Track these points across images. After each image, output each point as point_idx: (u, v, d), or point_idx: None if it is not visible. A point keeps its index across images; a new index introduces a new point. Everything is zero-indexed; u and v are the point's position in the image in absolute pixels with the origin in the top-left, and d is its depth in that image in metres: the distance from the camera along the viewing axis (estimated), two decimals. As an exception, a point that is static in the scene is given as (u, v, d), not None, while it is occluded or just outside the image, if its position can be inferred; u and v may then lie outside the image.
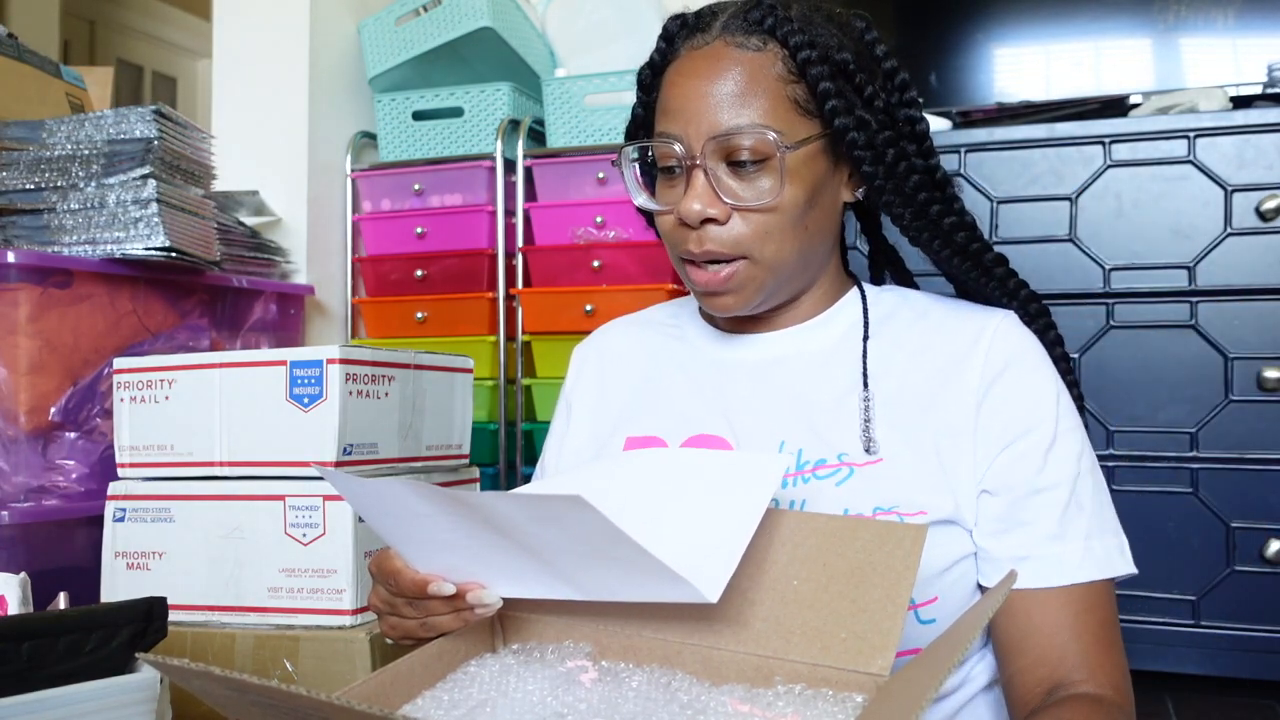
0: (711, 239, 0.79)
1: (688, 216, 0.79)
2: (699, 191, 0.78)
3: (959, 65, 2.09)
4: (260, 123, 2.08)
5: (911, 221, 0.83)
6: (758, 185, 0.78)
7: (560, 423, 0.99)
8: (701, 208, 0.78)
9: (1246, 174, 1.63)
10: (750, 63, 0.78)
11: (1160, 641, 1.66)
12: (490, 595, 0.66)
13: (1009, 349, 0.81)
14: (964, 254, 0.85)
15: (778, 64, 0.79)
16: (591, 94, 2.00)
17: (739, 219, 0.79)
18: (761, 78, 0.78)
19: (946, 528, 0.77)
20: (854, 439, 0.80)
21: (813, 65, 0.78)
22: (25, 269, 1.38)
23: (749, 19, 0.80)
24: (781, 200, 0.78)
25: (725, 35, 0.80)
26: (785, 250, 0.80)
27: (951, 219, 0.84)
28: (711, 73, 0.78)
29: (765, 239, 0.79)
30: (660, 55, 0.85)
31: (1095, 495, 0.79)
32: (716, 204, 0.78)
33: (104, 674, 0.79)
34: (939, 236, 0.84)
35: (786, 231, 0.79)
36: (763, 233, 0.79)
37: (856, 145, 0.79)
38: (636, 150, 0.86)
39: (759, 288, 0.81)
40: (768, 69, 0.78)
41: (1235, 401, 1.63)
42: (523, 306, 1.99)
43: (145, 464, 1.22)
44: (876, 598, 0.62)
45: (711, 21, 0.82)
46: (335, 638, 1.10)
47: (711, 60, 0.79)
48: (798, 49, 0.78)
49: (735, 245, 0.79)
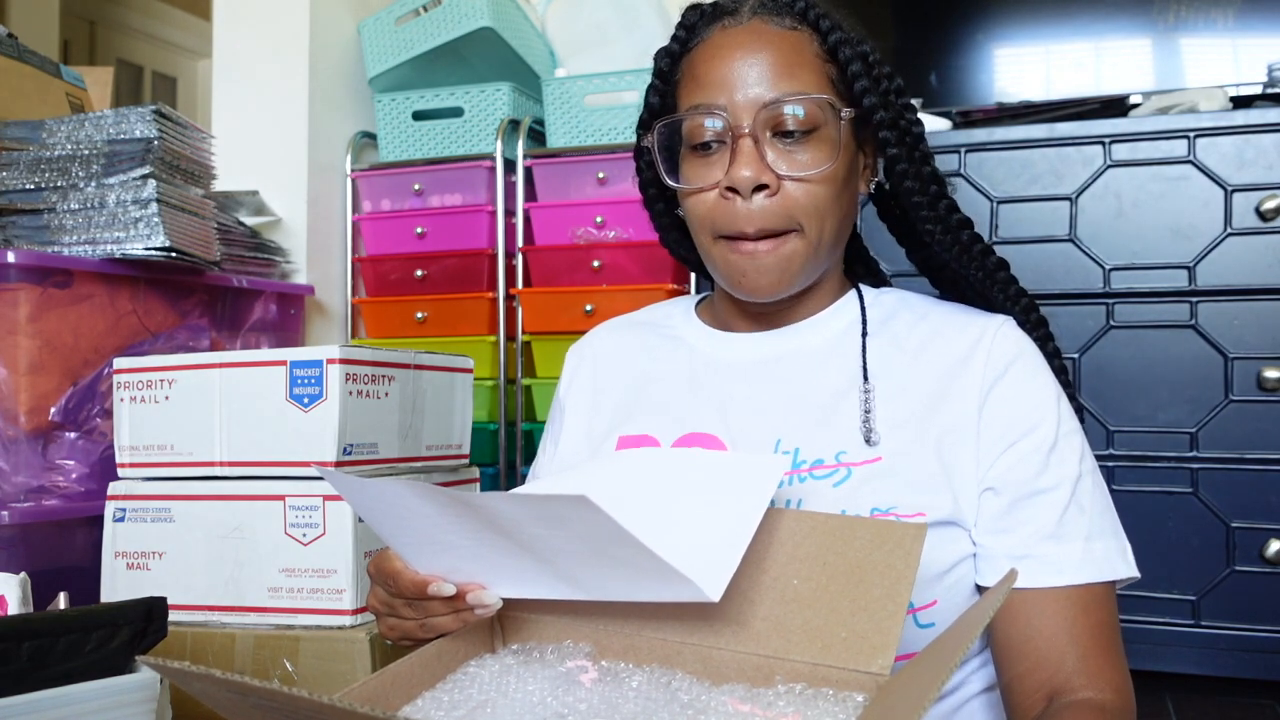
0: (762, 211, 0.78)
1: (740, 184, 0.77)
2: (749, 158, 0.78)
3: (959, 65, 2.09)
4: (260, 123, 2.08)
5: (928, 211, 0.83)
6: (804, 155, 0.78)
7: (554, 424, 0.99)
8: (754, 174, 0.77)
9: (1246, 174, 1.63)
10: (790, 39, 0.80)
11: (1160, 641, 1.66)
12: (490, 596, 0.66)
13: (1009, 351, 0.81)
14: (969, 253, 0.85)
15: (813, 43, 0.80)
16: (591, 94, 2.00)
17: (790, 187, 0.78)
18: (804, 52, 0.80)
19: (946, 529, 0.77)
20: (853, 435, 0.79)
21: (844, 46, 0.80)
22: (25, 269, 1.38)
23: (780, 1, 0.82)
24: (834, 170, 0.79)
25: (759, 16, 0.81)
26: (829, 226, 0.80)
27: (958, 215, 0.85)
28: (754, 45, 0.79)
29: (814, 212, 0.79)
30: (680, 43, 0.85)
31: (1096, 498, 0.78)
32: (767, 172, 0.78)
33: (104, 674, 0.79)
34: (950, 231, 0.84)
35: (832, 205, 0.80)
36: (813, 204, 0.79)
37: (884, 125, 0.80)
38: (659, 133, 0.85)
39: (802, 265, 0.81)
40: (805, 46, 0.80)
41: (1235, 401, 1.63)
42: (523, 306, 1.99)
43: (145, 464, 1.22)
44: (877, 597, 0.62)
45: (739, 6, 0.83)
46: (335, 638, 1.10)
47: (750, 35, 0.80)
48: (829, 31, 0.80)
49: (787, 217, 0.79)
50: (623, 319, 1.02)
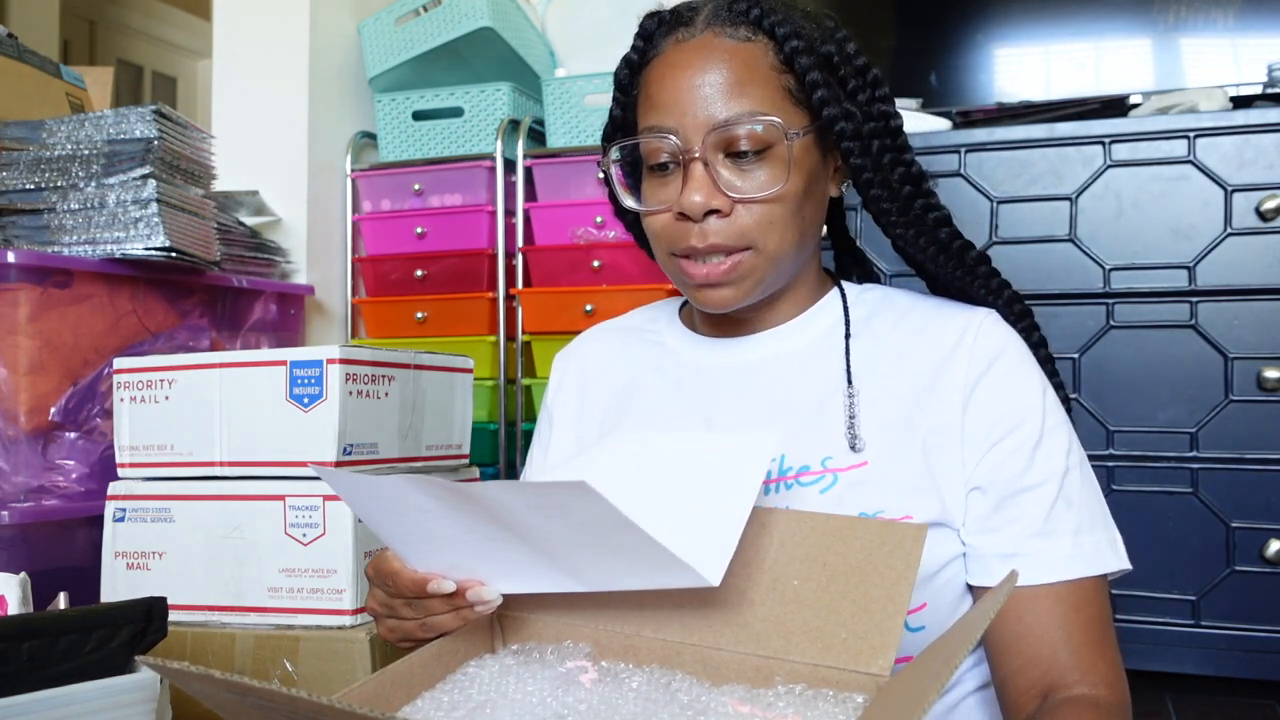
0: (715, 231, 0.78)
1: (691, 209, 0.77)
2: (700, 183, 0.77)
3: (959, 65, 2.09)
4: (260, 123, 2.08)
5: (898, 217, 0.82)
6: (757, 176, 0.77)
7: (543, 432, 0.99)
8: (704, 199, 0.77)
9: (1246, 174, 1.63)
10: (742, 52, 0.78)
11: (1160, 641, 1.66)
12: (490, 592, 0.66)
13: (993, 346, 0.80)
14: (947, 251, 0.84)
15: (768, 54, 0.78)
16: (591, 94, 2.00)
17: (742, 210, 0.78)
18: (756, 67, 0.77)
19: (934, 530, 0.76)
20: (838, 440, 0.79)
21: (800, 55, 0.77)
22: (25, 269, 1.38)
23: (735, 10, 0.79)
24: (786, 190, 0.77)
25: (713, 27, 0.79)
26: (787, 241, 0.79)
27: (935, 214, 0.84)
28: (704, 63, 0.77)
29: (769, 229, 0.78)
30: (638, 53, 0.84)
31: (1084, 490, 0.78)
32: (719, 196, 0.77)
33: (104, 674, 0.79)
34: (924, 233, 0.83)
35: (789, 221, 0.79)
36: (766, 223, 0.78)
37: (845, 136, 0.79)
38: (620, 150, 0.85)
39: (759, 279, 0.80)
40: (760, 58, 0.78)
41: (1235, 401, 1.63)
42: (523, 306, 1.99)
43: (145, 464, 1.22)
44: (877, 597, 0.62)
45: (694, 16, 0.81)
46: (335, 638, 1.10)
47: (702, 51, 0.78)
48: (785, 39, 0.77)
49: (740, 236, 0.78)
50: (608, 325, 1.01)
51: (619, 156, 0.85)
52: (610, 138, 0.88)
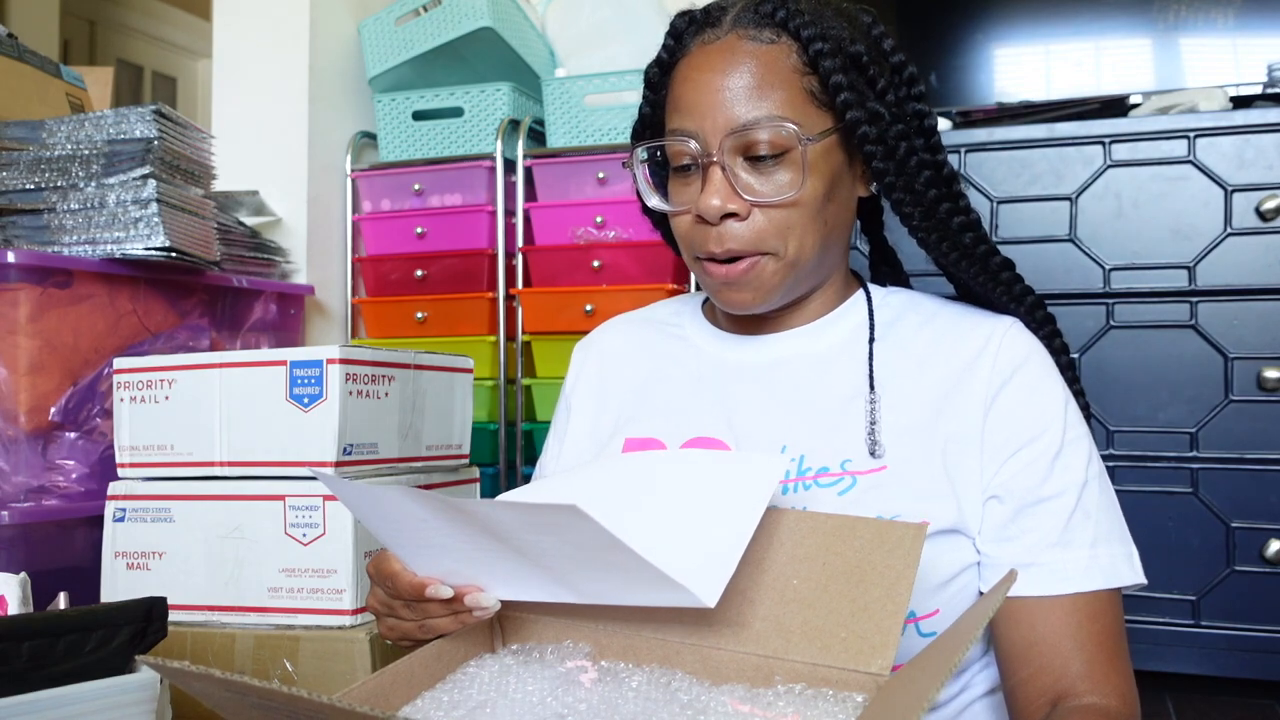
0: (732, 236, 0.78)
1: (707, 213, 0.77)
2: (717, 187, 0.77)
3: (959, 65, 2.09)
4: (260, 123, 2.08)
5: (921, 221, 0.81)
6: (776, 179, 0.77)
7: (560, 422, 0.99)
8: (721, 203, 0.77)
9: (1246, 174, 1.63)
10: (765, 55, 0.77)
11: (1160, 641, 1.66)
12: (488, 598, 0.66)
13: (1016, 356, 0.80)
14: (970, 257, 0.83)
15: (792, 56, 0.78)
16: (591, 94, 2.00)
17: (760, 214, 0.78)
18: (777, 69, 0.77)
19: (950, 537, 0.76)
20: (858, 443, 0.79)
21: (825, 57, 0.77)
22: (25, 269, 1.38)
23: (760, 12, 0.79)
24: (803, 194, 0.77)
25: (737, 29, 0.79)
26: (806, 245, 0.79)
27: (960, 218, 0.83)
28: (726, 66, 0.77)
29: (787, 234, 0.78)
30: (668, 53, 0.84)
31: (1102, 503, 0.78)
32: (735, 199, 0.77)
33: (104, 674, 0.79)
34: (947, 238, 0.82)
35: (807, 225, 0.78)
36: (784, 227, 0.78)
37: (868, 139, 0.78)
38: (647, 150, 0.85)
39: (779, 283, 0.80)
40: (782, 61, 0.77)
41: (1235, 401, 1.63)
42: (523, 306, 1.99)
43: (145, 464, 1.22)
44: (876, 597, 0.62)
45: (721, 16, 0.81)
46: (335, 638, 1.10)
47: (725, 54, 0.78)
48: (810, 41, 0.77)
49: (757, 241, 0.78)
50: (630, 316, 1.01)
51: (646, 156, 0.86)
52: (639, 136, 0.89)
